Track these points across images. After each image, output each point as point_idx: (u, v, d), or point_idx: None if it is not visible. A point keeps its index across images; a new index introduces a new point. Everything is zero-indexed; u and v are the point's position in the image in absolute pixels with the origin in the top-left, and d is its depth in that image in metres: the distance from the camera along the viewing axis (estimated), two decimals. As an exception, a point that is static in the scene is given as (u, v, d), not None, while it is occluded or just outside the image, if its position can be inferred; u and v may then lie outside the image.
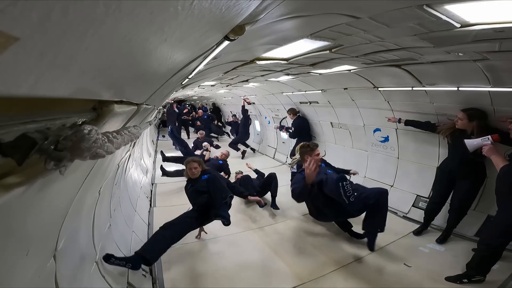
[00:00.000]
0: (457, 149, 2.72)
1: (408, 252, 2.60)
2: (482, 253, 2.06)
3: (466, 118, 2.57)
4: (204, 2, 0.56)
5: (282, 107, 6.11)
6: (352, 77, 3.34)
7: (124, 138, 0.78)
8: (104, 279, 1.59)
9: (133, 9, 0.40)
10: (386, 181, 3.87)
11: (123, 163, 2.30)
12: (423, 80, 2.78)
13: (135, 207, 3.14)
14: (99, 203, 1.72)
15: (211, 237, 2.92)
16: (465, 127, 2.60)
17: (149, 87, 1.21)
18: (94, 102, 0.76)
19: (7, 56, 0.28)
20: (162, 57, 0.83)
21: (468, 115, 2.56)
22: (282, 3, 1.07)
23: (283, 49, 2.20)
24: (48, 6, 0.26)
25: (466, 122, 2.57)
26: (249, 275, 2.31)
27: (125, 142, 0.79)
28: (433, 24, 1.37)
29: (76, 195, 1.07)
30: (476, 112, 2.55)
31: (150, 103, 1.64)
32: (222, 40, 1.19)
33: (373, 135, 4.04)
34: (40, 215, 0.76)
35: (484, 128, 2.46)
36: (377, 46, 1.96)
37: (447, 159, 2.90)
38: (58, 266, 1.04)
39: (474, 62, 2.10)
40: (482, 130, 2.45)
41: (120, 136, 0.74)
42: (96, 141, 0.53)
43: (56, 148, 0.48)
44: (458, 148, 2.68)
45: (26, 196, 0.55)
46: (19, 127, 0.42)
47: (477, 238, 2.71)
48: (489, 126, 2.49)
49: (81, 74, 0.50)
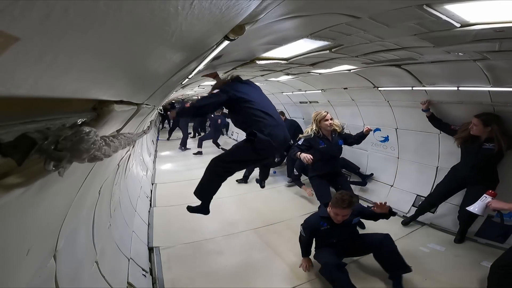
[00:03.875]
0: (470, 155, 2.67)
1: (408, 252, 2.60)
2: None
3: (481, 124, 2.50)
4: (204, 2, 0.56)
5: (282, 107, 6.10)
6: (352, 77, 3.34)
7: (120, 142, 0.78)
8: (104, 279, 1.59)
9: (133, 9, 0.40)
10: (386, 181, 3.88)
11: (123, 163, 2.30)
12: (423, 80, 2.78)
13: (135, 207, 3.14)
14: (99, 203, 1.72)
15: (211, 237, 2.92)
16: (480, 133, 2.54)
17: (149, 87, 1.21)
18: (94, 102, 0.76)
19: (7, 56, 0.28)
20: (162, 57, 0.83)
21: (483, 121, 2.50)
22: (282, 3, 1.07)
23: (283, 49, 2.20)
24: (48, 6, 0.26)
25: (481, 128, 2.51)
26: (249, 275, 2.31)
27: (122, 146, 0.79)
28: (433, 23, 1.37)
29: (76, 195, 1.07)
30: (490, 117, 2.49)
31: (150, 103, 1.64)
32: (222, 40, 1.19)
33: (373, 135, 4.04)
34: (40, 215, 0.76)
35: (505, 131, 2.42)
36: (377, 46, 1.96)
37: (460, 164, 2.82)
38: (58, 266, 1.04)
39: (474, 62, 2.10)
40: (503, 133, 2.42)
41: (116, 140, 0.74)
42: (95, 143, 0.53)
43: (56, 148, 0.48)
44: (471, 154, 2.64)
45: (26, 196, 0.55)
46: (19, 127, 0.42)
47: (477, 238, 2.72)
48: (507, 130, 2.44)
49: (81, 74, 0.50)
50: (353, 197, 2.19)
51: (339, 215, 2.13)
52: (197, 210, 2.24)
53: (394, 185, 3.76)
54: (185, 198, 2.83)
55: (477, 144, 2.58)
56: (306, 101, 5.09)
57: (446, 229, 2.98)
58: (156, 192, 4.30)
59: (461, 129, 2.74)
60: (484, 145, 2.54)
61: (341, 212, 2.12)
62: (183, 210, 2.65)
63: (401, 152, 3.73)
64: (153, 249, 2.60)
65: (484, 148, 2.54)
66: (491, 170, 2.57)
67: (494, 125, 2.45)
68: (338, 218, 2.15)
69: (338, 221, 2.17)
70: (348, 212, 2.14)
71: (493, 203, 1.87)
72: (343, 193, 2.22)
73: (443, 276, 2.21)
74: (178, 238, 2.84)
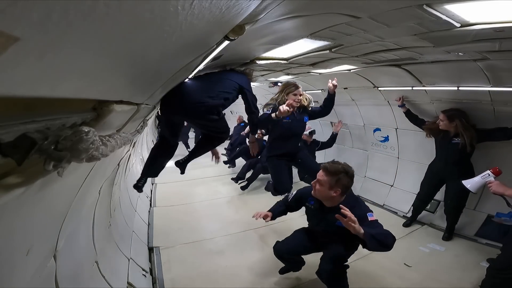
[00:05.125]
0: (442, 150, 2.85)
1: (408, 252, 2.60)
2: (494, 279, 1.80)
3: (447, 119, 2.66)
4: (204, 2, 0.56)
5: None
6: (352, 77, 3.34)
7: (117, 141, 0.78)
8: (104, 279, 1.59)
9: (133, 9, 0.40)
10: (386, 181, 3.88)
11: (123, 163, 2.30)
12: (423, 80, 2.78)
13: (135, 207, 3.14)
14: (99, 203, 1.72)
15: (211, 237, 2.92)
16: (447, 128, 2.70)
17: (149, 87, 1.21)
18: (94, 102, 0.76)
19: (7, 56, 0.28)
20: (162, 57, 0.83)
21: (448, 116, 2.66)
22: (282, 3, 1.07)
23: (283, 49, 2.20)
24: (48, 6, 0.26)
25: (447, 123, 2.67)
26: (249, 275, 2.31)
27: (118, 146, 0.80)
28: (433, 23, 1.37)
29: (76, 195, 1.07)
30: (455, 112, 2.64)
31: (150, 103, 1.64)
32: (222, 40, 1.19)
33: (373, 134, 4.04)
34: (40, 215, 0.76)
35: (467, 127, 2.56)
36: (377, 45, 1.96)
37: (434, 160, 2.98)
38: (58, 266, 1.04)
39: (474, 62, 2.10)
40: (465, 128, 2.56)
41: (113, 139, 0.75)
42: (94, 143, 0.53)
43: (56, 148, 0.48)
44: (443, 149, 2.82)
45: (26, 196, 0.55)
46: (19, 127, 0.42)
47: (477, 238, 2.72)
48: (470, 124, 2.59)
49: (81, 74, 0.50)
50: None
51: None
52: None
53: (394, 185, 3.76)
54: (185, 198, 2.84)
55: (447, 139, 2.74)
56: (306, 101, 5.09)
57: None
58: (156, 192, 4.30)
59: (431, 122, 2.93)
60: (453, 139, 2.69)
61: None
62: (183, 210, 2.65)
63: (401, 152, 3.73)
64: (153, 249, 2.60)
65: (452, 143, 2.69)
66: (464, 164, 2.69)
67: (458, 120, 2.59)
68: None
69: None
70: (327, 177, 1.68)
71: (494, 186, 1.69)
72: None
73: (443, 276, 2.20)
74: (178, 238, 2.84)
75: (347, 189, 1.70)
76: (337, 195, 1.67)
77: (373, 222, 1.61)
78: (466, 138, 2.55)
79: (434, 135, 2.90)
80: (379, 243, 1.48)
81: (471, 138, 2.54)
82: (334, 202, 1.71)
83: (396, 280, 2.19)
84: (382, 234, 1.52)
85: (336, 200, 1.71)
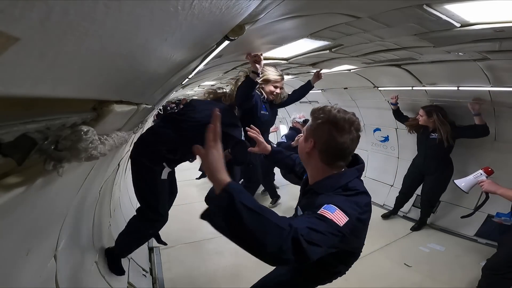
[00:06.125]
0: (422, 145, 2.96)
1: (408, 252, 2.60)
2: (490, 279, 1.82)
3: (425, 114, 2.77)
4: (204, 2, 0.56)
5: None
6: (352, 77, 3.34)
7: (114, 141, 0.78)
8: (104, 279, 1.59)
9: (133, 9, 0.40)
10: (386, 181, 3.87)
11: (123, 163, 2.31)
12: (423, 80, 2.78)
13: (135, 207, 3.13)
14: (99, 203, 1.72)
15: (211, 237, 2.92)
16: (426, 123, 2.81)
17: (149, 87, 1.21)
18: (94, 102, 0.76)
19: (7, 56, 0.28)
20: (162, 57, 0.83)
21: (426, 112, 2.77)
22: (282, 3, 1.06)
23: (283, 49, 2.20)
24: (48, 6, 0.26)
25: (426, 119, 2.78)
26: (250, 275, 2.30)
27: (116, 145, 0.80)
28: (433, 23, 1.37)
29: (76, 195, 1.07)
30: (433, 108, 2.75)
31: (150, 103, 1.64)
32: (222, 40, 1.19)
33: (373, 134, 4.04)
34: (40, 215, 0.76)
35: (443, 122, 2.67)
36: (377, 45, 1.96)
37: (417, 155, 3.07)
38: (59, 266, 1.04)
39: (474, 62, 2.10)
40: (442, 123, 2.66)
41: (111, 138, 0.75)
42: (93, 142, 0.54)
43: (56, 148, 0.48)
44: (422, 144, 2.94)
45: (26, 196, 0.55)
46: (19, 127, 0.42)
47: (477, 238, 2.72)
48: (447, 120, 2.70)
49: (81, 74, 0.50)
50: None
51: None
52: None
53: (394, 185, 3.76)
54: (185, 198, 2.84)
55: (426, 134, 2.84)
56: (306, 101, 5.08)
57: (446, 229, 2.98)
58: (156, 192, 4.29)
59: (412, 118, 3.03)
60: (431, 135, 2.79)
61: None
62: (183, 210, 2.65)
63: (401, 152, 3.73)
64: (153, 249, 2.60)
65: (430, 138, 2.80)
66: (443, 159, 2.79)
67: (435, 116, 2.69)
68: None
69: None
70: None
71: (486, 184, 1.70)
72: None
73: (443, 276, 2.20)
74: (178, 238, 2.83)
75: (331, 148, 1.01)
76: (310, 150, 1.05)
77: (317, 216, 0.85)
78: (442, 133, 2.66)
79: (416, 131, 3.01)
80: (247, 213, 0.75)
81: (447, 133, 2.65)
82: (313, 170, 1.10)
83: (396, 280, 2.19)
84: (272, 213, 0.79)
85: (314, 167, 1.07)
